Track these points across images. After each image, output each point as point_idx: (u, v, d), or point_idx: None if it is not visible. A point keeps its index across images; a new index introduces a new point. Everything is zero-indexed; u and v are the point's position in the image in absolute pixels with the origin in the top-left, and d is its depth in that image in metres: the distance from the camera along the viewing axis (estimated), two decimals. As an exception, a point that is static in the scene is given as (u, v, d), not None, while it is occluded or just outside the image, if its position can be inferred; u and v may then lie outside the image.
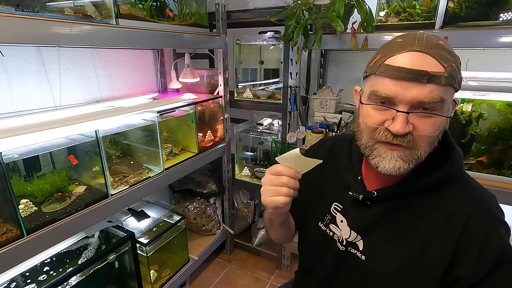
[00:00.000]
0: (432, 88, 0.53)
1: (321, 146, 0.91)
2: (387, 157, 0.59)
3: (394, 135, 0.57)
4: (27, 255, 0.97)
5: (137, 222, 1.56)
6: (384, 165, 0.59)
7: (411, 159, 0.58)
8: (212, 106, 1.87)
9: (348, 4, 1.37)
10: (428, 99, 0.54)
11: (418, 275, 0.61)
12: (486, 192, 0.65)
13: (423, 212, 0.63)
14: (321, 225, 0.78)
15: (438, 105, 0.55)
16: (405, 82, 0.54)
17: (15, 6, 0.87)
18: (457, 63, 0.57)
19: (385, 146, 0.59)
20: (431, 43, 0.56)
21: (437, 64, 0.54)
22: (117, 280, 1.39)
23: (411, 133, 0.57)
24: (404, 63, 0.55)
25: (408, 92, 0.54)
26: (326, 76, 1.95)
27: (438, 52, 0.55)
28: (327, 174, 0.81)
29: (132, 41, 1.27)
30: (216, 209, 2.05)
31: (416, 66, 0.54)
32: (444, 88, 0.54)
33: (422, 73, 0.53)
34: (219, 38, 1.76)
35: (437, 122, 0.56)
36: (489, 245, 0.57)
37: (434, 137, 0.58)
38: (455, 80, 0.56)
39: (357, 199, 0.68)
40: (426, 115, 0.56)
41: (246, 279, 1.96)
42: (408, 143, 0.57)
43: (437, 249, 0.60)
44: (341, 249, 0.73)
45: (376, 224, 0.67)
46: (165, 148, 1.62)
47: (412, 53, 0.55)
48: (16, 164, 1.10)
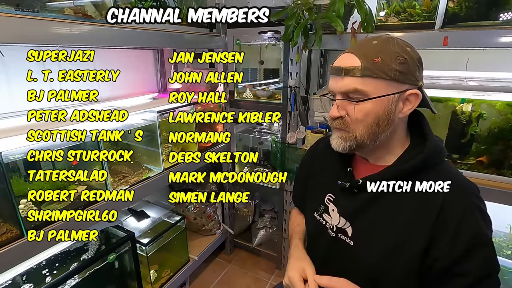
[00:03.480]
0: (349, 80, 0.66)
1: (319, 144, 0.97)
2: (333, 137, 0.74)
3: (332, 119, 0.71)
4: (27, 255, 0.97)
5: (137, 222, 1.56)
6: (333, 144, 0.73)
7: (349, 139, 0.70)
8: (212, 106, 1.87)
9: (348, 4, 1.37)
10: (344, 89, 0.67)
11: (400, 258, 0.66)
12: (466, 181, 0.69)
13: (404, 198, 0.68)
14: (316, 215, 0.84)
15: (358, 94, 0.66)
16: (334, 77, 0.69)
17: (15, 6, 0.87)
18: (390, 57, 0.64)
19: (334, 130, 0.74)
20: (363, 44, 0.68)
21: (355, 60, 0.65)
22: (117, 280, 1.39)
23: (344, 117, 0.69)
24: (336, 62, 0.70)
25: (335, 85, 0.69)
26: (326, 76, 1.95)
27: (362, 50, 0.66)
28: (323, 168, 0.88)
29: (132, 41, 1.27)
30: (216, 209, 2.05)
31: (339, 64, 0.68)
32: (361, 79, 0.64)
33: (339, 69, 0.67)
34: (219, 38, 1.76)
35: (363, 108, 0.66)
36: (463, 228, 0.62)
37: (367, 122, 0.67)
38: (374, 71, 0.64)
39: (344, 187, 0.75)
40: (354, 103, 0.66)
41: (246, 279, 1.96)
42: (341, 125, 0.70)
43: (417, 232, 0.65)
44: (332, 236, 0.78)
45: (363, 210, 0.73)
46: (165, 148, 1.62)
47: (343, 54, 0.69)
48: (16, 164, 1.10)
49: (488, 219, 0.65)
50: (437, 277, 0.64)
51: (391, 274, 0.67)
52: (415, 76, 0.66)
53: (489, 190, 1.18)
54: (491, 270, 0.64)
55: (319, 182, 0.87)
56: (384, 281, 0.68)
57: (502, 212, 1.28)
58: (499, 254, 1.37)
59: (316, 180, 0.89)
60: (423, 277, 0.66)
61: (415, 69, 0.66)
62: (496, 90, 1.30)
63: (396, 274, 0.67)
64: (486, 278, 0.62)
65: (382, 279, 0.68)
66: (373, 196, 0.71)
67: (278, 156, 1.77)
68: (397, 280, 0.67)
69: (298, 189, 1.01)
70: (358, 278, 0.68)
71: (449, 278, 0.63)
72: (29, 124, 1.11)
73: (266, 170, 1.93)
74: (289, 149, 1.73)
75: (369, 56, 0.64)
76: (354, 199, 0.74)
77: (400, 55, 0.64)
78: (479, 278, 0.62)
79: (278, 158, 1.77)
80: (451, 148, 1.29)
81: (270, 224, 2.12)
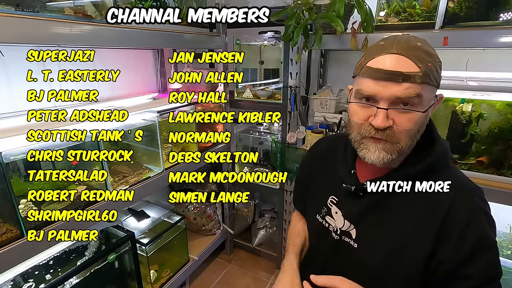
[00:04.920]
0: (408, 86, 0.59)
1: (319, 145, 0.95)
2: (372, 149, 0.65)
3: (376, 129, 0.63)
4: (27, 255, 0.97)
5: (137, 222, 1.56)
6: (369, 156, 0.66)
7: (393, 151, 0.64)
8: (212, 106, 1.87)
9: (348, 4, 1.37)
10: (404, 95, 0.59)
11: (405, 262, 0.65)
12: (471, 184, 0.68)
13: (410, 202, 0.67)
14: (318, 217, 0.83)
15: (414, 101, 0.60)
16: (383, 81, 0.60)
17: (15, 6, 0.87)
18: (435, 62, 0.61)
19: (370, 140, 0.65)
20: (409, 45, 0.61)
21: (412, 65, 0.59)
22: (117, 280, 1.39)
23: (391, 127, 0.62)
24: (383, 64, 0.61)
25: (386, 90, 0.60)
26: (326, 76, 1.95)
27: (414, 53, 0.60)
28: (325, 170, 0.86)
29: (132, 41, 1.27)
30: (216, 209, 2.05)
31: (392, 67, 0.60)
32: (420, 85, 0.59)
33: (398, 74, 0.59)
34: (219, 38, 1.76)
35: (415, 117, 0.61)
36: (468, 232, 0.61)
37: (413, 131, 0.63)
38: (430, 78, 0.60)
39: (349, 190, 0.73)
40: (404, 111, 0.61)
41: (246, 279, 1.96)
42: (388, 136, 0.63)
43: (422, 236, 0.64)
44: (335, 238, 0.77)
45: (367, 213, 0.71)
46: (165, 148, 1.62)
47: (390, 56, 0.61)
48: (16, 164, 1.10)
49: (492, 222, 0.65)
50: (440, 280, 0.63)
51: (395, 276, 0.67)
52: None
53: (489, 190, 1.18)
54: (495, 274, 0.63)
55: (320, 183, 0.86)
56: (387, 283, 0.68)
57: (502, 212, 1.28)
58: (499, 254, 1.36)
59: (317, 181, 0.88)
60: (427, 280, 0.65)
61: None
62: (496, 90, 1.30)
63: (400, 277, 0.66)
64: (490, 282, 0.62)
65: (385, 282, 0.68)
66: (378, 199, 0.70)
67: (278, 156, 1.77)
68: (400, 283, 0.66)
69: (299, 190, 1.00)
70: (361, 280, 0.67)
71: (453, 281, 0.62)
72: (29, 124, 1.11)
73: (266, 170, 1.93)
74: (289, 149, 1.73)
75: (423, 60, 0.60)
76: (359, 202, 0.73)
77: (439, 59, 0.62)
78: (483, 281, 0.61)
79: (278, 158, 1.77)
80: (451, 148, 1.27)
81: (270, 224, 2.12)
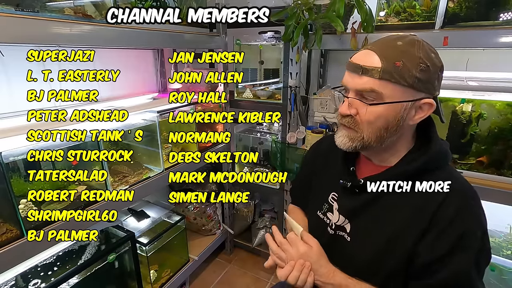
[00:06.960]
0: (367, 80, 0.63)
1: (322, 143, 0.97)
2: (340, 134, 0.72)
3: (341, 116, 0.70)
4: (27, 255, 0.97)
5: (137, 222, 1.56)
6: (337, 141, 0.72)
7: (355, 139, 0.68)
8: (212, 106, 1.87)
9: (348, 4, 1.37)
10: (360, 88, 0.64)
11: (393, 255, 0.67)
12: (466, 185, 0.69)
13: (404, 200, 0.68)
14: (319, 214, 0.84)
15: (371, 96, 0.64)
16: (351, 73, 0.66)
17: (15, 6, 0.87)
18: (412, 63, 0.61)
19: (341, 126, 0.72)
20: (385, 43, 0.64)
21: (376, 60, 0.62)
22: (117, 280, 1.39)
23: (353, 116, 0.67)
24: (354, 58, 0.66)
25: (351, 81, 0.66)
26: (326, 76, 1.95)
27: (384, 50, 0.62)
28: (326, 166, 0.88)
29: (132, 41, 1.27)
30: (216, 209, 2.05)
31: (356, 61, 0.65)
32: (378, 81, 0.62)
33: (358, 66, 0.64)
34: (219, 38, 1.76)
35: (375, 111, 0.64)
36: (451, 229, 0.62)
37: (376, 125, 0.65)
38: (393, 75, 0.61)
39: (345, 186, 0.75)
40: (366, 104, 0.64)
41: (246, 279, 1.96)
42: (351, 124, 0.68)
43: (411, 234, 0.66)
44: (331, 233, 0.80)
45: (362, 209, 0.73)
46: (165, 148, 1.62)
47: (364, 51, 0.65)
48: (16, 164, 1.10)
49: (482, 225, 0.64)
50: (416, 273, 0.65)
51: (382, 271, 0.69)
52: (434, 85, 0.64)
53: (489, 190, 1.18)
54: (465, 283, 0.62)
55: (323, 180, 0.87)
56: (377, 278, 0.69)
57: (502, 212, 1.29)
58: (499, 254, 1.37)
59: (320, 178, 0.89)
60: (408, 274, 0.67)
61: (435, 78, 0.63)
62: (496, 90, 1.30)
63: (387, 272, 0.68)
64: None
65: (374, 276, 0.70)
66: (373, 196, 0.71)
67: (278, 156, 1.77)
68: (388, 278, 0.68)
69: (299, 187, 1.01)
70: (354, 274, 0.70)
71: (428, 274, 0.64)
72: (29, 124, 1.11)
73: (266, 170, 1.93)
74: (289, 149, 1.73)
75: (391, 58, 0.61)
76: (354, 199, 0.74)
77: (423, 62, 0.61)
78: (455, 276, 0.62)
79: (278, 158, 1.77)
80: (451, 148, 1.28)
81: (270, 224, 2.12)
